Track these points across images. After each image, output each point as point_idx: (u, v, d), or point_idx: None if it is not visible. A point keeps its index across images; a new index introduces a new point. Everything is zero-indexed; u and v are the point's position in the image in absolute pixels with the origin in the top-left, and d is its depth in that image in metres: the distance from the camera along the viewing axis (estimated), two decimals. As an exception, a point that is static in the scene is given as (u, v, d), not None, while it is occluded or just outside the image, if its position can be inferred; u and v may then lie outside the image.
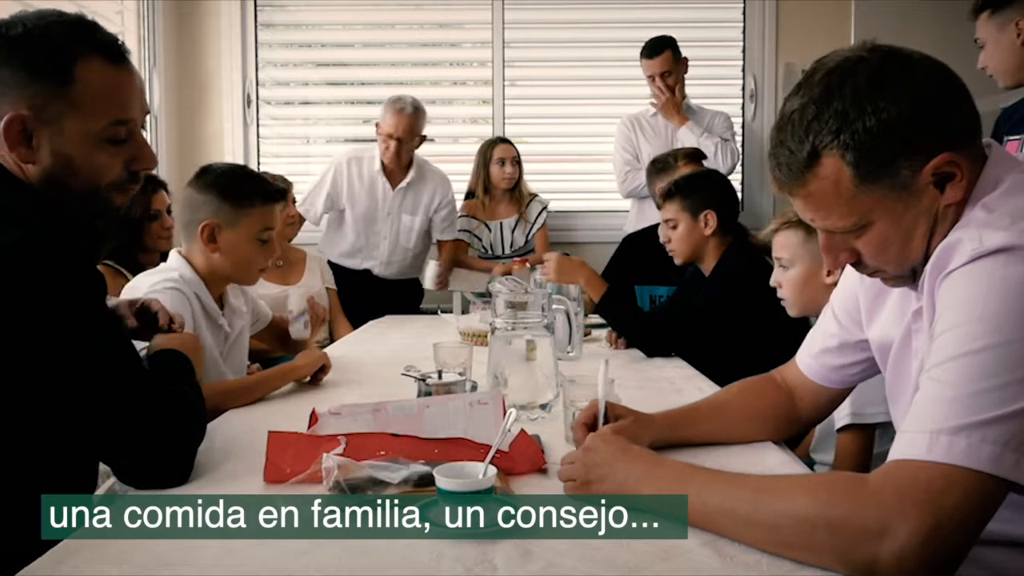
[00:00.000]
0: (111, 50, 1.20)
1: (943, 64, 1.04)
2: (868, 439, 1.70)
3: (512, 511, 1.02)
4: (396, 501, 1.07)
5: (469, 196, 4.03)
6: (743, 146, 4.24)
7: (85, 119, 1.18)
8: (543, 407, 1.57)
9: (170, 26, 4.13)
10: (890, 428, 1.51)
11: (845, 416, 1.67)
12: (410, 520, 1.01)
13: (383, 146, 3.61)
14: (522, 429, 1.29)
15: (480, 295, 3.40)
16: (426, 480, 1.09)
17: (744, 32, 4.31)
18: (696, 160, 3.20)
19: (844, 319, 1.32)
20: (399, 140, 3.57)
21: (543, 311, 1.65)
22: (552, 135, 4.42)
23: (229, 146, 4.29)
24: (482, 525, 1.00)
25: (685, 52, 3.84)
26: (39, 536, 0.99)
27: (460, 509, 1.00)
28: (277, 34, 4.40)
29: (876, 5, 4.01)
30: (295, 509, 1.07)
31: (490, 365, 1.63)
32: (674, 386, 1.92)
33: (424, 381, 1.58)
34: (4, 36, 1.16)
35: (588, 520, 1.02)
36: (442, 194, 3.77)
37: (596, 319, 2.80)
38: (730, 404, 1.41)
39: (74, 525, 1.02)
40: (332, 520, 1.04)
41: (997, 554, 1.07)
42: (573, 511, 1.05)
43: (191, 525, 1.04)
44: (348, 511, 1.06)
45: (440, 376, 1.61)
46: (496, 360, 1.62)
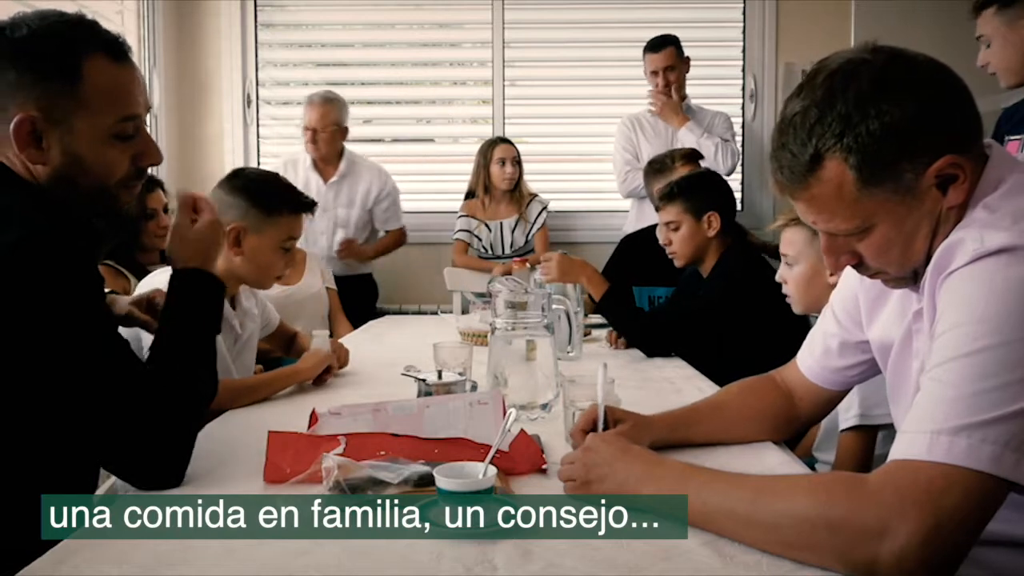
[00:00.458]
0: (114, 48, 1.22)
1: (945, 65, 1.03)
2: (871, 440, 1.70)
3: (512, 511, 1.02)
4: (396, 501, 1.07)
5: (469, 196, 4.03)
6: (743, 146, 4.24)
7: (94, 117, 1.19)
8: (543, 407, 1.57)
9: (170, 26, 4.13)
10: (892, 430, 1.50)
11: (853, 417, 1.66)
12: (410, 520, 1.01)
13: (304, 139, 3.74)
14: (522, 429, 1.29)
15: (480, 295, 3.40)
16: (426, 480, 1.09)
17: (744, 32, 4.31)
18: (693, 160, 3.20)
19: (844, 320, 1.32)
20: (313, 131, 3.69)
21: (543, 311, 1.65)
22: (552, 135, 4.42)
23: (229, 146, 4.29)
24: (482, 525, 1.00)
25: (686, 52, 3.85)
26: (39, 536, 0.99)
27: (460, 509, 1.00)
28: (277, 34, 4.40)
29: (876, 5, 4.01)
30: (295, 509, 1.07)
31: (490, 365, 1.63)
32: (674, 386, 1.92)
33: (424, 381, 1.58)
34: (9, 39, 1.17)
35: (588, 520, 1.02)
36: (379, 186, 3.82)
37: (596, 319, 2.80)
38: (729, 404, 1.41)
39: (74, 525, 1.02)
40: (332, 520, 1.04)
41: (997, 554, 1.07)
42: (573, 511, 1.05)
43: (191, 525, 1.04)
44: (348, 511, 1.06)
45: (440, 376, 1.61)
46: (496, 360, 1.62)
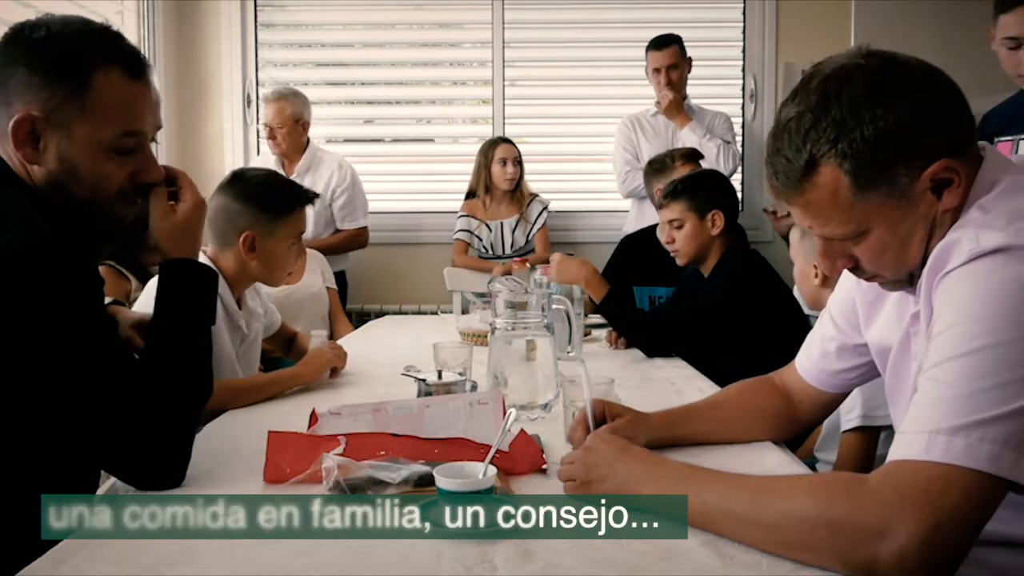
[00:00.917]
0: (132, 63, 1.21)
1: (938, 69, 1.04)
2: (872, 441, 1.70)
3: (512, 511, 1.02)
4: (396, 501, 1.07)
5: (470, 196, 4.04)
6: (743, 146, 4.24)
7: (95, 126, 1.18)
8: (543, 407, 1.57)
9: (170, 26, 4.13)
10: (893, 431, 1.51)
11: (855, 418, 1.66)
12: (410, 520, 1.01)
13: (265, 136, 3.76)
14: (522, 429, 1.29)
15: (480, 295, 3.40)
16: (426, 480, 1.09)
17: (744, 32, 4.31)
18: (693, 160, 3.20)
19: (842, 323, 1.32)
20: (270, 127, 3.70)
21: (543, 311, 1.65)
22: (552, 135, 4.42)
23: (229, 146, 4.29)
24: (482, 525, 1.00)
25: (687, 52, 3.85)
26: (39, 536, 0.99)
27: (460, 509, 1.00)
28: (277, 34, 4.40)
29: (876, 5, 4.01)
30: (295, 509, 1.07)
31: (490, 365, 1.63)
32: (674, 386, 1.92)
33: (424, 381, 1.58)
34: (27, 38, 1.17)
35: (588, 520, 1.02)
36: (338, 179, 3.79)
37: (596, 319, 2.80)
38: (728, 404, 1.42)
39: (74, 525, 1.02)
40: (332, 520, 1.05)
41: (997, 554, 1.07)
42: (573, 511, 1.05)
43: (191, 525, 1.04)
44: (348, 511, 1.06)
45: (440, 376, 1.61)
46: (496, 360, 1.62)
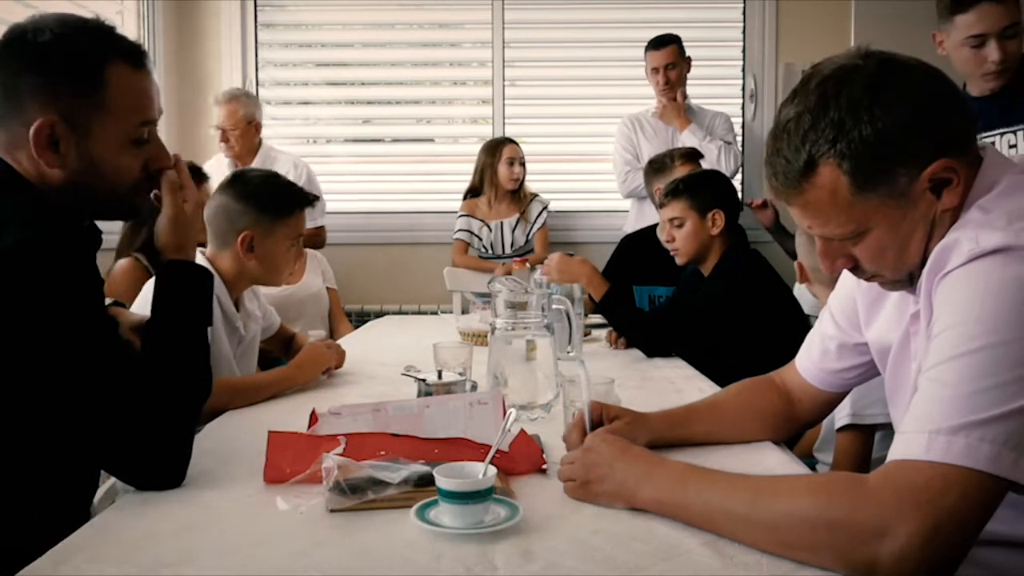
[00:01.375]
0: (135, 55, 1.23)
1: (937, 69, 1.04)
2: (867, 440, 1.70)
3: (512, 511, 1.02)
4: (396, 501, 1.07)
5: (470, 195, 4.03)
6: (743, 146, 4.25)
7: (115, 123, 1.20)
8: (543, 407, 1.57)
9: (170, 26, 4.13)
10: (891, 432, 1.51)
11: (845, 416, 1.67)
12: (410, 520, 1.01)
13: (218, 139, 3.73)
14: (522, 429, 1.29)
15: (480, 295, 3.40)
16: (426, 480, 1.09)
17: (744, 32, 4.31)
18: (693, 160, 3.20)
19: (842, 322, 1.32)
20: (223, 130, 3.68)
21: (543, 311, 1.65)
22: (552, 135, 4.42)
23: (229, 146, 4.29)
24: (482, 525, 1.00)
25: (687, 52, 3.85)
26: (39, 536, 0.99)
27: (460, 509, 1.00)
28: (277, 34, 4.40)
29: (876, 5, 4.01)
30: (295, 510, 1.07)
31: (490, 365, 1.63)
32: (674, 386, 1.92)
33: (424, 381, 1.58)
34: (33, 43, 1.17)
35: (588, 520, 1.02)
36: (293, 179, 3.68)
37: (596, 319, 2.80)
38: (728, 404, 1.42)
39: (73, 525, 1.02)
40: (332, 520, 1.05)
41: (997, 554, 1.07)
42: (573, 511, 1.06)
43: (191, 525, 1.04)
44: (348, 511, 1.06)
45: (440, 376, 1.61)
46: (496, 360, 1.62)
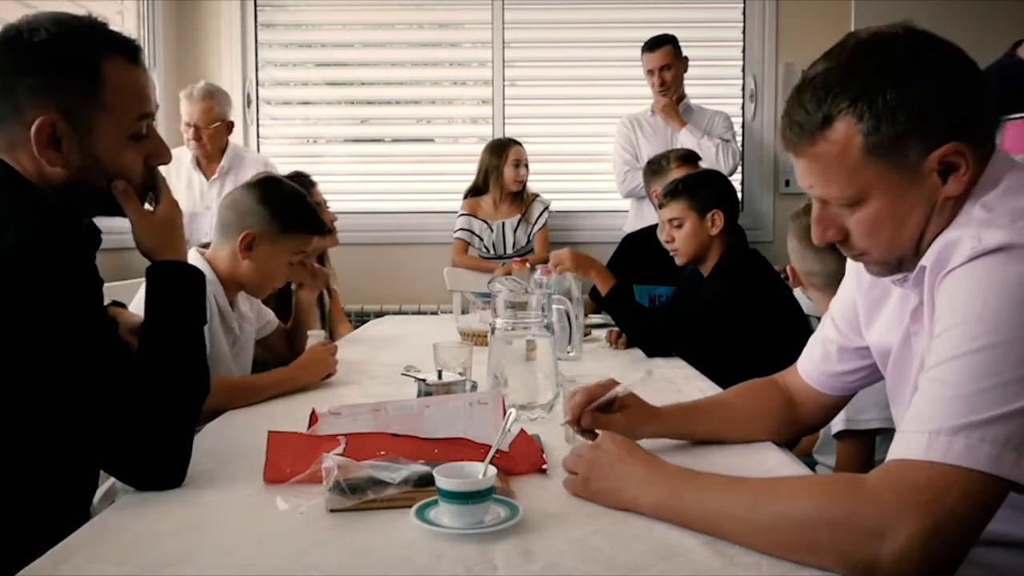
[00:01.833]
0: (129, 49, 1.24)
1: (973, 61, 1.04)
2: (867, 446, 1.70)
3: (512, 511, 1.02)
4: (396, 501, 1.07)
5: (471, 194, 4.03)
6: (743, 146, 4.25)
7: (114, 119, 1.21)
8: (543, 407, 1.57)
9: (170, 26, 4.14)
10: (888, 435, 1.51)
11: (839, 422, 1.67)
12: (410, 520, 1.01)
13: (186, 137, 3.61)
14: (522, 429, 1.29)
15: (480, 295, 3.40)
16: (426, 480, 1.09)
17: (744, 32, 4.32)
18: (690, 162, 3.20)
19: (843, 326, 1.32)
20: (196, 127, 3.55)
21: (543, 311, 1.65)
22: (552, 135, 4.43)
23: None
24: (482, 525, 1.00)
25: (685, 52, 3.86)
26: (39, 536, 0.99)
27: (460, 509, 1.00)
28: (277, 34, 4.40)
29: (876, 5, 4.00)
30: (295, 510, 1.07)
31: (490, 365, 1.63)
32: (674, 386, 1.91)
33: (424, 381, 1.58)
34: (29, 42, 1.17)
35: (588, 520, 1.02)
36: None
37: (596, 319, 2.80)
38: (732, 403, 1.42)
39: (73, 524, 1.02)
40: (332, 520, 1.05)
41: (997, 554, 1.07)
42: (573, 511, 1.05)
43: (191, 525, 1.04)
44: (348, 511, 1.06)
45: (440, 376, 1.61)
46: (496, 360, 1.62)
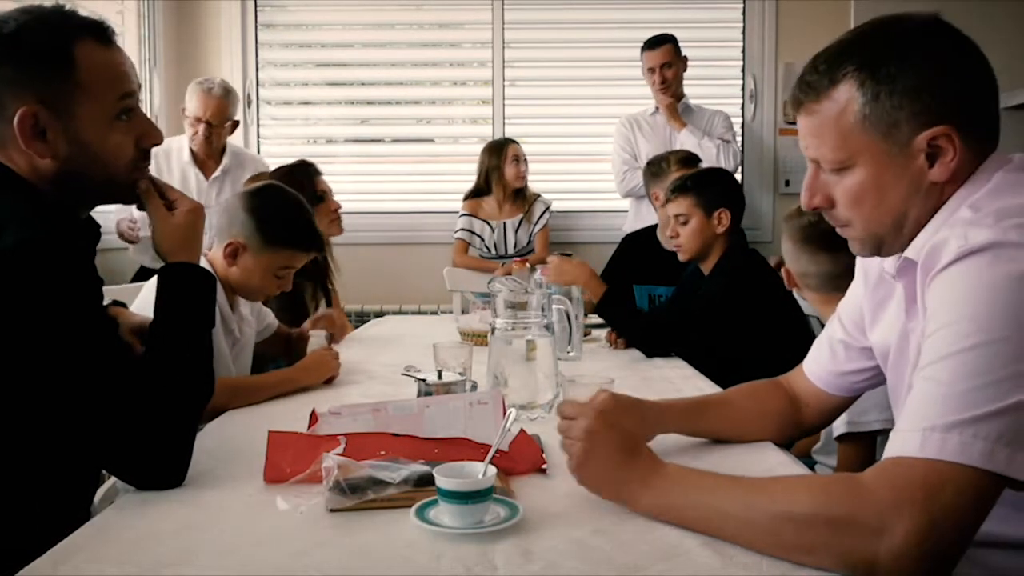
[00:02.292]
0: (100, 31, 1.23)
1: (985, 58, 1.07)
2: (868, 447, 1.70)
3: (512, 511, 1.02)
4: (396, 501, 1.07)
5: (472, 195, 4.03)
6: (743, 146, 4.25)
7: (95, 100, 1.20)
8: (543, 407, 1.57)
9: (170, 26, 4.14)
10: (888, 436, 1.51)
11: (842, 424, 1.67)
12: (410, 520, 1.01)
13: (191, 131, 3.42)
14: (522, 429, 1.29)
15: (480, 295, 3.40)
16: (426, 480, 1.09)
17: (744, 32, 4.32)
18: (691, 164, 3.19)
19: (849, 326, 1.33)
20: (208, 124, 3.38)
21: (543, 311, 1.65)
22: (552, 135, 4.43)
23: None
24: (482, 525, 1.00)
25: (685, 52, 3.86)
26: (39, 536, 0.99)
27: (460, 509, 1.00)
28: (277, 34, 4.40)
29: (876, 5, 3.99)
30: (295, 509, 1.07)
31: (490, 365, 1.63)
32: (674, 386, 1.91)
33: (424, 381, 1.58)
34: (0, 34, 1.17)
35: (588, 520, 1.02)
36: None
37: (596, 319, 2.80)
38: (736, 404, 1.42)
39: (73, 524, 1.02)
40: (332, 520, 1.05)
41: (996, 555, 1.07)
42: (573, 511, 1.05)
43: (191, 525, 1.04)
44: (348, 511, 1.06)
45: (440, 376, 1.61)
46: (496, 360, 1.62)
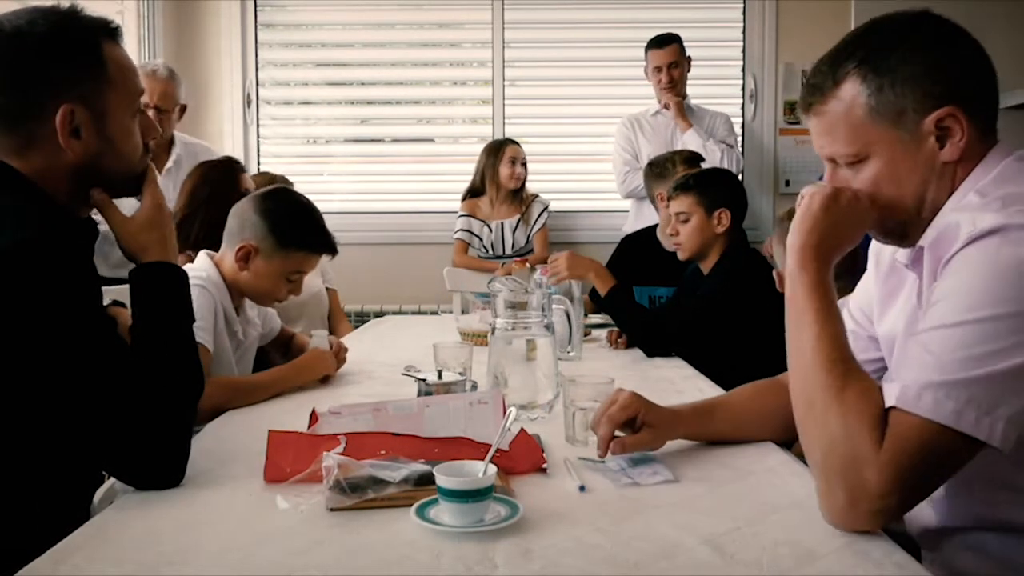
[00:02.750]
0: (112, 30, 1.26)
1: (978, 43, 1.11)
2: None
3: (512, 510, 1.02)
4: (396, 500, 1.07)
5: (470, 195, 4.03)
6: (743, 145, 4.25)
7: (122, 97, 1.24)
8: (543, 407, 1.57)
9: (170, 26, 4.14)
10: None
11: None
12: (410, 519, 1.01)
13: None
14: (522, 429, 1.29)
15: (480, 295, 3.40)
16: (426, 479, 1.09)
17: (744, 32, 4.31)
18: (695, 165, 3.20)
19: (858, 315, 1.35)
20: (156, 109, 3.07)
21: (543, 311, 1.65)
22: (552, 135, 4.42)
23: (229, 146, 4.28)
24: (482, 524, 1.00)
25: (686, 51, 3.85)
26: (39, 536, 0.99)
27: (460, 508, 1.00)
28: (277, 34, 4.40)
29: (876, 5, 3.98)
30: (295, 509, 1.07)
31: (490, 365, 1.63)
32: (674, 386, 1.91)
33: (424, 381, 1.58)
34: (31, 34, 1.18)
35: (588, 519, 1.02)
36: None
37: (596, 319, 2.80)
38: (741, 404, 1.43)
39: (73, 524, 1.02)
40: (332, 519, 1.05)
41: (996, 540, 1.09)
42: (573, 511, 1.05)
43: (191, 525, 1.04)
44: (348, 510, 1.06)
45: (440, 376, 1.61)
46: (496, 360, 1.62)
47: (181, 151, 3.27)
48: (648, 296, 3.13)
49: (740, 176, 4.09)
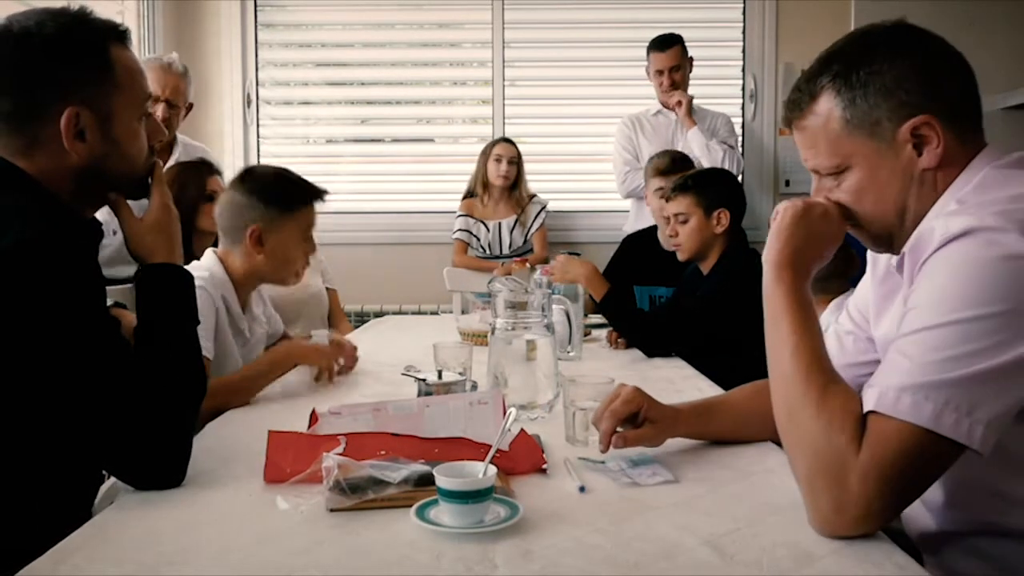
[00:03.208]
0: (120, 33, 1.27)
1: (956, 50, 1.12)
2: None
3: (512, 510, 1.02)
4: (396, 501, 1.07)
5: (470, 195, 4.03)
6: (743, 145, 4.25)
7: (128, 100, 1.24)
8: (543, 407, 1.57)
9: (170, 27, 4.13)
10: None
11: None
12: (410, 520, 1.01)
13: (156, 114, 3.01)
14: (522, 429, 1.29)
15: (480, 295, 3.40)
16: (426, 480, 1.09)
17: (744, 32, 4.32)
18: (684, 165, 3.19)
19: (857, 316, 1.36)
20: (167, 103, 3.01)
21: (543, 311, 1.65)
22: (552, 135, 4.43)
23: (229, 146, 4.29)
24: (482, 524, 1.00)
25: (688, 52, 3.85)
26: (39, 536, 0.99)
27: (460, 508, 1.00)
28: (277, 34, 4.40)
29: (876, 5, 3.98)
30: (295, 509, 1.07)
31: (490, 365, 1.63)
32: (674, 386, 1.91)
33: (424, 381, 1.58)
34: (39, 35, 1.18)
35: (588, 519, 1.02)
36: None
37: (596, 319, 2.80)
38: (740, 404, 1.43)
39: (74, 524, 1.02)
40: (332, 520, 1.05)
41: (995, 545, 1.09)
42: (573, 511, 1.05)
43: (191, 524, 1.04)
44: (348, 511, 1.06)
45: (440, 376, 1.61)
46: (496, 360, 1.62)
47: (181, 153, 3.26)
48: (649, 296, 3.14)
49: (740, 176, 4.11)
